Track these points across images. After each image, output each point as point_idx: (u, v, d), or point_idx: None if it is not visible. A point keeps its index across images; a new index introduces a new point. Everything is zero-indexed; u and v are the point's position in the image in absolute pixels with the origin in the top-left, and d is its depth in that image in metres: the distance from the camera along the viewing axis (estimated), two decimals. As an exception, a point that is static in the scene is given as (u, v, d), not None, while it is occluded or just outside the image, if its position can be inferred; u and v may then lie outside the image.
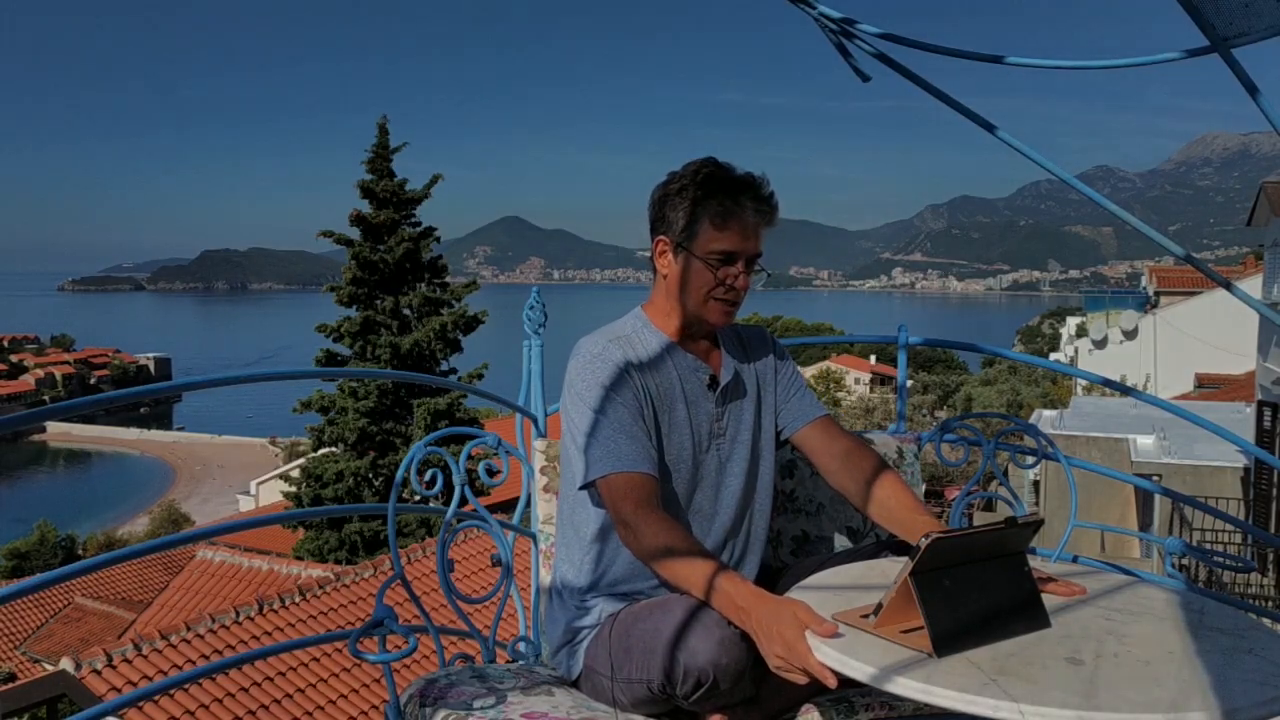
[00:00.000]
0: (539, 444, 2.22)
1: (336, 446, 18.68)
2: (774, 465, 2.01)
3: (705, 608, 1.57)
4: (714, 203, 1.80)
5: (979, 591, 1.38)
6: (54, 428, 71.82)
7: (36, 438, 71.76)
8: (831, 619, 1.42)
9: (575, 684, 1.86)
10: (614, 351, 1.82)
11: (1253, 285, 16.88)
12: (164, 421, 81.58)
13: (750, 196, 1.81)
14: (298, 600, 9.89)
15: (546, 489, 2.19)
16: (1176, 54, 1.98)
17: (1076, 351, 29.79)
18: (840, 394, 50.45)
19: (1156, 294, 30.41)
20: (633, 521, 1.68)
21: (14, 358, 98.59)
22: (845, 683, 1.35)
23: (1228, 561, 2.53)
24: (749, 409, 1.95)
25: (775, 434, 2.00)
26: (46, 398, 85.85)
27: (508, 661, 2.17)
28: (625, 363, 1.82)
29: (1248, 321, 19.15)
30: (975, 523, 1.66)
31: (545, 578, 2.12)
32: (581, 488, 1.80)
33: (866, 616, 1.40)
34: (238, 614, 9.37)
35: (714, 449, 1.90)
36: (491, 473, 2.33)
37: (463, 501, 2.15)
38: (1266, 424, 12.31)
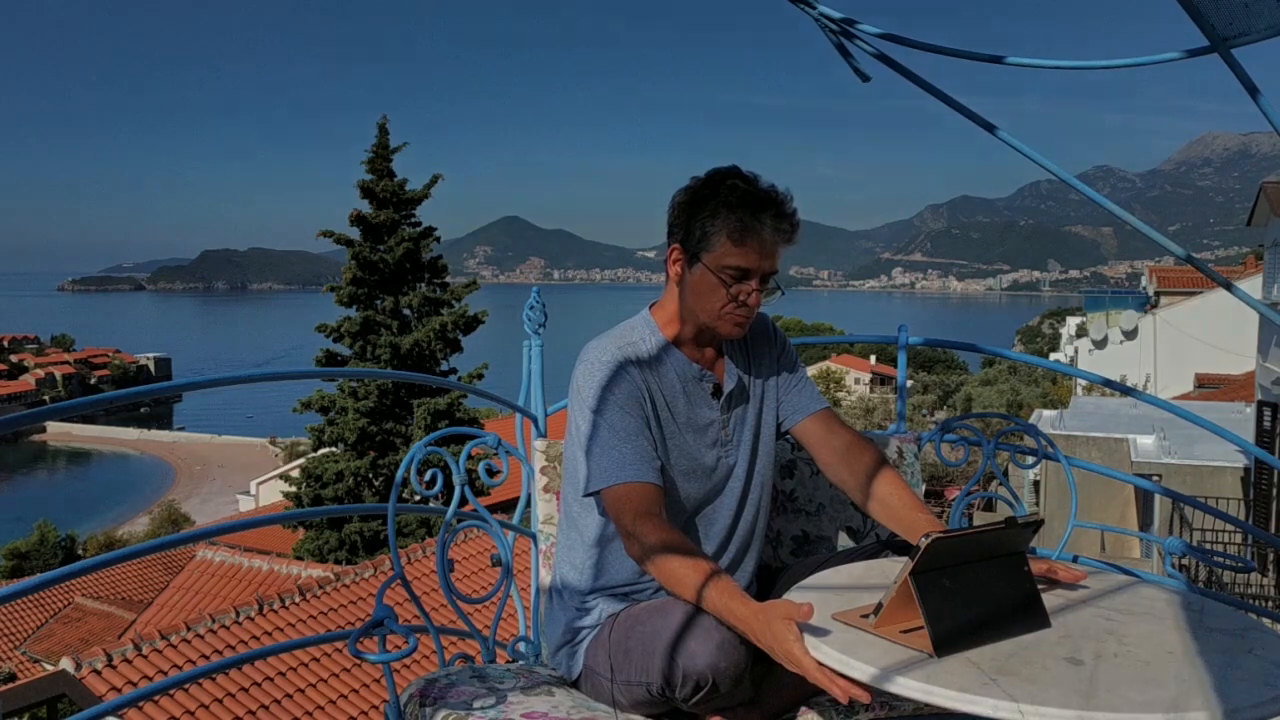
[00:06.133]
0: (539, 444, 2.22)
1: (336, 446, 18.68)
2: (774, 464, 2.01)
3: (704, 611, 1.57)
4: (734, 217, 1.75)
5: (979, 591, 1.38)
6: (54, 428, 71.81)
7: (36, 438, 71.75)
8: (831, 619, 1.42)
9: (575, 684, 1.86)
10: (621, 359, 1.82)
11: (1253, 285, 16.88)
12: (164, 421, 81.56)
13: (772, 214, 1.77)
14: (298, 600, 9.89)
15: (546, 489, 2.18)
16: (1176, 54, 1.98)
17: (1076, 351, 29.79)
18: (840, 394, 50.49)
19: (1156, 294, 30.40)
20: (634, 531, 1.68)
21: (14, 358, 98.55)
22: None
23: (1228, 561, 2.53)
24: (751, 412, 1.95)
25: (776, 426, 1.99)
26: (46, 398, 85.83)
27: (508, 661, 2.17)
28: (632, 370, 1.81)
29: (1248, 321, 19.15)
30: (975, 523, 1.66)
31: (545, 578, 2.12)
32: (585, 495, 1.80)
33: (866, 616, 1.40)
34: (238, 614, 9.37)
35: (718, 455, 1.89)
36: (491, 473, 2.33)
37: (463, 501, 2.15)
38: (1266, 424, 12.31)
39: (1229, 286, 2.30)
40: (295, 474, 20.20)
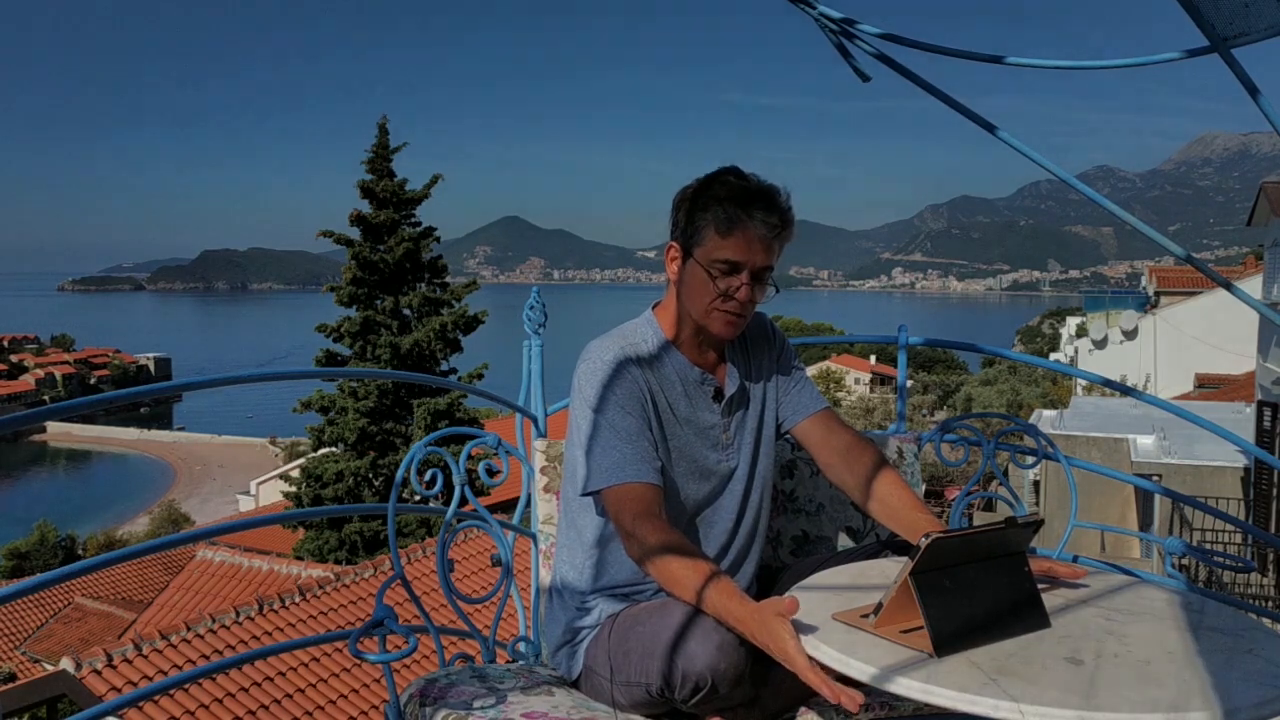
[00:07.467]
0: (539, 444, 2.22)
1: (336, 446, 18.68)
2: (774, 465, 2.01)
3: (704, 612, 1.57)
4: (721, 210, 1.76)
5: (979, 591, 1.38)
6: (54, 428, 71.78)
7: (36, 438, 71.73)
8: (831, 619, 1.42)
9: (575, 684, 1.85)
10: (623, 358, 1.81)
11: (1253, 285, 16.90)
12: (164, 421, 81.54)
13: (760, 207, 1.76)
14: (298, 600, 9.89)
15: (546, 489, 2.18)
16: (1176, 54, 1.98)
17: (1076, 351, 29.79)
18: (840, 394, 50.51)
19: (1156, 294, 30.40)
20: (633, 531, 1.68)
21: (14, 358, 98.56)
22: (845, 683, 1.35)
23: (1228, 561, 2.53)
24: (752, 414, 1.95)
25: (776, 426, 1.99)
26: (46, 398, 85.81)
27: (508, 661, 2.17)
28: (633, 370, 1.80)
29: (1248, 321, 19.16)
30: (975, 523, 1.66)
31: (545, 578, 2.12)
32: (584, 494, 1.80)
33: (866, 616, 1.40)
34: (238, 614, 9.36)
35: (719, 457, 1.89)
36: (491, 473, 2.33)
37: (463, 501, 2.15)
38: (1266, 424, 12.30)
39: (1229, 286, 2.30)
40: (295, 474, 20.20)
